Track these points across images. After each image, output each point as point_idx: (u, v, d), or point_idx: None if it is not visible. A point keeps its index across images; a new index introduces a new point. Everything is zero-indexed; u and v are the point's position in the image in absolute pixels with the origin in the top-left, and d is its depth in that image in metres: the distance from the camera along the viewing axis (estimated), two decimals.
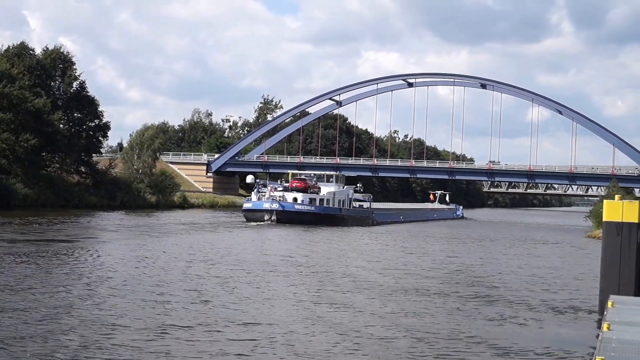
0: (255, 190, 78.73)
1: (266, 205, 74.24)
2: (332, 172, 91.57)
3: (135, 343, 17.58)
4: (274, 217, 72.98)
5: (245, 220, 74.45)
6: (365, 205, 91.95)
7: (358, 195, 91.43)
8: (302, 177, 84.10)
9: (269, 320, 21.16)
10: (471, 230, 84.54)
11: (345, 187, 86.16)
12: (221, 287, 26.86)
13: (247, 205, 77.38)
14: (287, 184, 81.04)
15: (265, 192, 77.05)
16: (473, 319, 22.79)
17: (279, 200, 75.45)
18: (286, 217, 73.17)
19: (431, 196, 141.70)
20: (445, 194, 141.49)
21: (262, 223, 71.64)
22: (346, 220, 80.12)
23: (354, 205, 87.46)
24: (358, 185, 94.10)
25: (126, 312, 21.22)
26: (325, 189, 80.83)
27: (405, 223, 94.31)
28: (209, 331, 19.31)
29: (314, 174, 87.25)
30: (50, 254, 34.69)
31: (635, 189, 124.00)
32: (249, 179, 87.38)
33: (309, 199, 77.09)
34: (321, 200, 78.74)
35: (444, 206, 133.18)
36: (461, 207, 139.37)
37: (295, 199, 76.29)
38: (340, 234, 64.09)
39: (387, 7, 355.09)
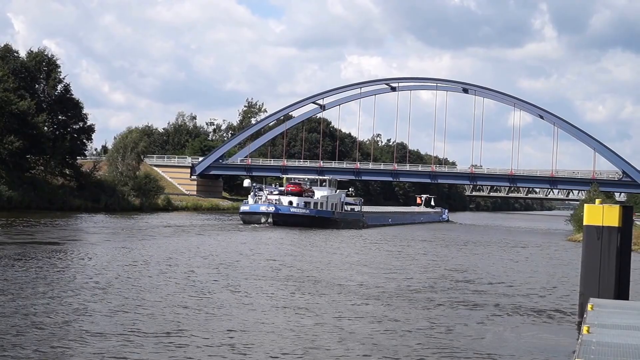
0: (252, 193, 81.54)
1: (263, 208, 77.26)
2: (325, 177, 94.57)
3: (106, 351, 17.29)
4: (270, 220, 75.96)
5: (242, 222, 76.99)
6: (357, 208, 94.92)
7: (349, 199, 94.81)
8: (297, 181, 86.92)
9: (246, 326, 21.00)
10: (456, 233, 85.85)
11: (338, 191, 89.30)
12: (215, 291, 27.16)
13: (244, 208, 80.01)
14: (283, 188, 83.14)
15: (262, 196, 80.00)
16: (453, 323, 22.92)
17: (275, 203, 78.23)
18: (282, 220, 75.80)
19: (418, 200, 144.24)
20: (431, 198, 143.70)
21: (259, 225, 74.04)
22: (339, 222, 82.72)
23: (346, 208, 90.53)
24: (350, 189, 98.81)
25: (102, 317, 20.96)
26: (319, 193, 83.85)
27: (393, 226, 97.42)
28: (181, 336, 19.14)
29: (308, 179, 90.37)
30: (32, 256, 34.72)
31: (615, 194, 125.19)
32: (246, 182, 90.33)
33: (304, 202, 79.86)
34: (315, 203, 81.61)
35: (430, 210, 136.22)
36: (447, 210, 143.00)
37: (290, 202, 78.90)
38: (333, 236, 65.67)
39: (371, 12, 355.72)
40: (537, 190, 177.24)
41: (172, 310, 22.57)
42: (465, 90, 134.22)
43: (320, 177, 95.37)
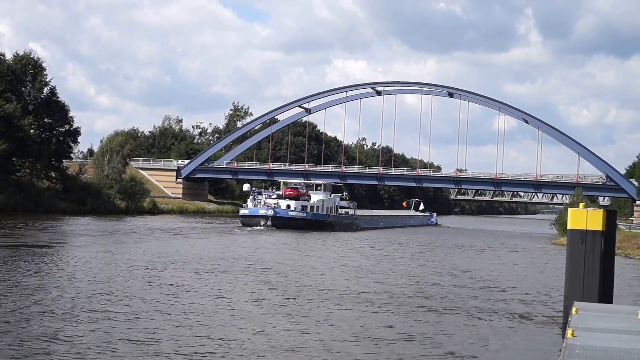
0: (252, 197, 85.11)
1: (262, 212, 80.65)
2: (320, 181, 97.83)
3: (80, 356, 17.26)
4: (269, 223, 79.15)
5: (241, 225, 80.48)
6: (350, 212, 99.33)
7: (343, 203, 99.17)
8: (295, 185, 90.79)
9: (224, 330, 21.13)
10: (444, 237, 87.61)
11: (333, 195, 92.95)
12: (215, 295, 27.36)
13: (243, 212, 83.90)
14: (280, 192, 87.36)
15: (261, 200, 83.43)
16: (437, 327, 23.11)
17: (274, 207, 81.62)
18: (280, 223, 79.29)
19: (404, 203, 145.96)
20: (420, 202, 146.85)
21: (258, 228, 77.26)
22: (334, 225, 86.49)
23: (340, 212, 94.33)
24: (344, 193, 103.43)
25: (80, 323, 20.80)
26: (315, 197, 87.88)
27: (385, 229, 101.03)
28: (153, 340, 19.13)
29: (304, 183, 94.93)
30: (16, 258, 34.84)
31: (599, 198, 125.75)
32: (246, 187, 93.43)
33: (301, 206, 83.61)
34: (312, 207, 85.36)
35: (419, 213, 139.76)
36: (435, 214, 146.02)
37: (288, 206, 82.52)
38: (329, 238, 68.90)
39: (356, 16, 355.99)
40: (522, 194, 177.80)
41: (172, 312, 22.77)
42: (451, 95, 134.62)
43: (316, 181, 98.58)
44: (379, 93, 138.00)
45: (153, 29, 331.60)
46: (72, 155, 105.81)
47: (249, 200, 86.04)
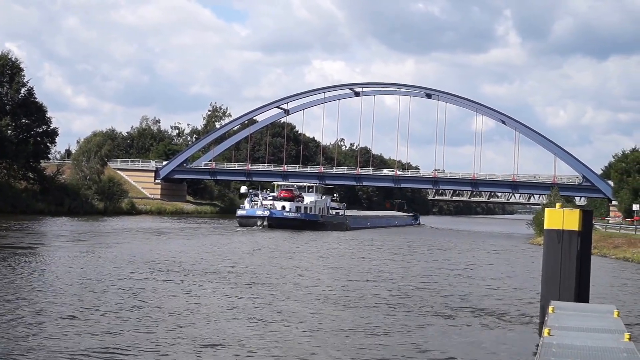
0: (248, 199, 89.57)
1: (259, 212, 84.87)
2: (312, 183, 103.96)
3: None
4: (265, 223, 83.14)
5: (239, 225, 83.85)
6: (341, 212, 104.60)
7: (334, 204, 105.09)
8: (289, 188, 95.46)
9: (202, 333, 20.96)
10: (426, 236, 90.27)
11: (324, 197, 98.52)
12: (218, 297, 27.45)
13: (241, 212, 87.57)
14: (275, 194, 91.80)
15: (257, 201, 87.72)
16: (414, 328, 23.14)
17: (270, 208, 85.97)
18: (276, 223, 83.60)
19: (387, 204, 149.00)
20: (404, 203, 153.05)
21: (255, 228, 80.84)
22: (326, 225, 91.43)
23: (331, 212, 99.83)
24: (334, 195, 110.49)
25: (51, 329, 20.25)
26: (308, 198, 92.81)
27: (372, 228, 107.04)
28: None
29: (296, 185, 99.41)
30: None
31: (575, 198, 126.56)
32: (243, 189, 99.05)
33: (295, 207, 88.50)
34: (305, 208, 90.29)
35: (403, 214, 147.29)
36: (418, 215, 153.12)
37: (283, 207, 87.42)
38: (323, 237, 72.71)
39: (335, 16, 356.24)
40: (499, 194, 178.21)
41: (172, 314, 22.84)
42: (429, 96, 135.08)
43: (308, 183, 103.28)
44: (357, 94, 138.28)
45: (131, 29, 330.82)
46: (49, 156, 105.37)
47: (245, 201, 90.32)
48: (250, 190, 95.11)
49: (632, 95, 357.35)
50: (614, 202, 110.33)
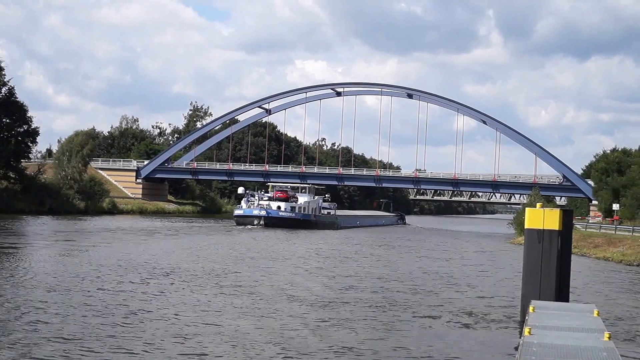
0: (245, 199, 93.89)
1: (255, 212, 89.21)
2: (305, 184, 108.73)
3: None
4: (262, 222, 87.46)
5: (236, 224, 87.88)
6: (332, 212, 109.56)
7: (325, 204, 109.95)
8: (284, 188, 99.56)
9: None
10: (413, 235, 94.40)
11: (316, 197, 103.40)
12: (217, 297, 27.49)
13: (238, 212, 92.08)
14: (270, 194, 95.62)
15: (254, 201, 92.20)
16: (394, 328, 23.14)
17: (266, 207, 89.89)
18: (272, 222, 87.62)
19: (374, 204, 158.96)
20: (390, 203, 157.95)
21: (252, 227, 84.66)
22: (318, 224, 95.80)
23: (323, 212, 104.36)
24: (326, 195, 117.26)
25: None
26: (302, 199, 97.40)
27: (361, 227, 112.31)
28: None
29: (290, 186, 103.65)
30: None
31: (556, 198, 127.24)
32: (240, 190, 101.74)
33: (290, 207, 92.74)
34: (299, 208, 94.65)
35: (390, 213, 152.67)
36: (404, 214, 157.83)
37: (279, 207, 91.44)
38: (317, 236, 76.62)
39: (318, 16, 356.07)
40: (480, 194, 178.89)
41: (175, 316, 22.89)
42: (410, 96, 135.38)
43: (301, 184, 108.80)
44: (339, 94, 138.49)
45: (113, 28, 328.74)
46: (30, 155, 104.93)
47: (242, 201, 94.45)
48: (247, 191, 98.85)
49: (613, 95, 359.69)
50: (594, 202, 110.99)
